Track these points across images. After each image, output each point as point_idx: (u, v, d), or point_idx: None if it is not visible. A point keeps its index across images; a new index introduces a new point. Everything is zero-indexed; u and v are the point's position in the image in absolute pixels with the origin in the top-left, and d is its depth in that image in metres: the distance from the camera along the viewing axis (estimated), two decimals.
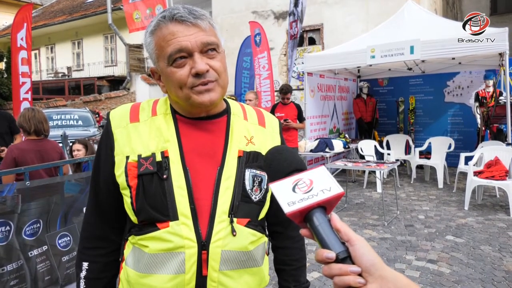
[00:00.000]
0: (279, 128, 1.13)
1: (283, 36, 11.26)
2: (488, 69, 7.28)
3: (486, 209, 5.23)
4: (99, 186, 1.03)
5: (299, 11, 7.24)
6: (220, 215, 0.93)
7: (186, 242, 0.90)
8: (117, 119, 1.01)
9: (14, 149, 3.05)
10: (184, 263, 0.90)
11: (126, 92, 16.41)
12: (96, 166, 1.04)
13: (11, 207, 2.04)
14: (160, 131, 0.97)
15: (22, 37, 5.63)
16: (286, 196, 0.62)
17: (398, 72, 8.46)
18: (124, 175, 0.94)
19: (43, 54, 21.70)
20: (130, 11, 6.92)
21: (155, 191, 0.92)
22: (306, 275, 1.19)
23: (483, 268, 3.43)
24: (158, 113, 1.00)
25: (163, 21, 0.91)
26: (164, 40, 0.91)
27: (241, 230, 0.95)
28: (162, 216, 0.91)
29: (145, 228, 0.94)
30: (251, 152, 1.01)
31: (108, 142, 0.99)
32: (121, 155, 0.96)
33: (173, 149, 0.95)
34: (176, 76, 0.91)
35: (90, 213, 1.07)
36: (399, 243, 4.10)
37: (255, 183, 0.99)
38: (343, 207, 5.55)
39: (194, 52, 0.91)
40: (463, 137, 8.10)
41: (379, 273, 0.56)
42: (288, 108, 5.78)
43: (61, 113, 9.82)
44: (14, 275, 2.04)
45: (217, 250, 0.92)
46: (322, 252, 0.57)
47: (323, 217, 0.61)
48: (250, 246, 0.98)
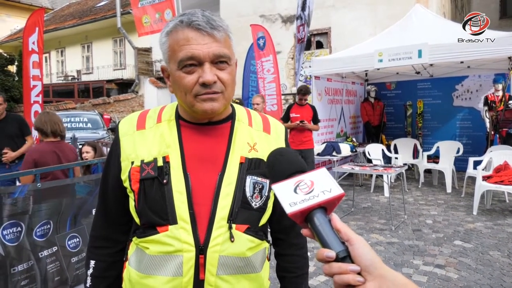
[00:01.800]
0: (285, 134, 1.14)
1: (291, 39, 11.28)
2: (497, 73, 7.22)
3: (495, 214, 5.18)
4: (107, 190, 1.07)
5: (306, 15, 7.26)
6: (219, 220, 0.94)
7: (184, 246, 0.92)
8: (125, 127, 1.05)
9: (34, 152, 3.13)
10: (181, 266, 0.92)
11: (134, 95, 16.54)
12: (105, 172, 1.09)
13: (22, 208, 2.08)
14: (162, 137, 1.00)
15: (33, 41, 5.73)
16: (288, 197, 0.64)
17: (406, 75, 8.43)
18: (128, 180, 0.98)
19: (53, 57, 21.98)
20: (139, 15, 7.01)
21: (155, 196, 0.94)
22: (308, 282, 1.19)
23: (491, 274, 3.39)
24: (163, 120, 1.03)
25: (180, 25, 0.93)
26: (177, 44, 0.92)
27: (239, 236, 0.96)
28: (161, 220, 0.94)
29: (146, 230, 0.97)
30: (253, 159, 1.01)
31: (116, 149, 1.04)
32: (127, 161, 1.00)
33: (174, 155, 0.97)
34: (184, 81, 0.93)
35: (98, 214, 1.13)
36: (406, 248, 4.08)
37: (256, 190, 1.00)
38: (350, 211, 5.54)
39: (205, 61, 0.92)
40: (471, 142, 8.03)
41: (378, 272, 0.57)
42: (304, 109, 5.79)
43: (70, 115, 9.94)
44: (25, 275, 2.08)
45: (215, 255, 0.93)
46: (322, 251, 0.59)
47: (324, 217, 0.63)
48: (248, 252, 0.98)
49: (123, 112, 15.98)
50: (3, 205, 1.99)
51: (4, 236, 1.99)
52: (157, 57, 16.62)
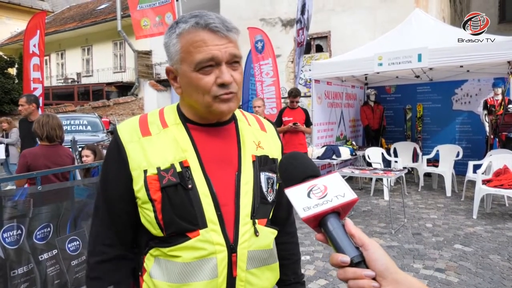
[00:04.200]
0: (276, 131, 1.19)
1: (291, 43, 11.32)
2: (496, 77, 7.24)
3: (495, 218, 5.18)
4: (113, 205, 1.00)
5: (305, 18, 7.29)
6: (243, 218, 0.98)
7: (217, 248, 0.94)
8: (128, 134, 0.99)
9: (27, 155, 3.11)
10: (216, 268, 0.94)
11: (134, 98, 16.57)
12: (105, 184, 1.02)
13: (22, 211, 2.08)
14: (176, 141, 0.98)
15: (34, 44, 5.74)
16: (302, 201, 0.64)
17: (405, 79, 8.45)
18: (144, 189, 0.94)
19: (53, 60, 22.03)
20: (138, 18, 7.01)
21: (182, 202, 0.93)
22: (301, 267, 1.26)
23: (492, 278, 3.39)
24: (169, 124, 1.01)
25: (196, 26, 0.93)
26: (193, 46, 0.92)
27: (262, 230, 1.02)
28: (191, 225, 0.93)
29: (174, 239, 0.94)
30: (262, 156, 1.06)
31: (120, 157, 0.97)
32: (138, 169, 0.95)
33: (192, 159, 0.97)
34: (202, 82, 0.93)
35: (102, 235, 1.03)
36: (406, 251, 4.07)
37: (269, 184, 1.05)
38: (350, 215, 5.53)
39: (222, 62, 0.93)
40: (471, 145, 8.03)
41: (392, 276, 0.57)
42: (296, 112, 5.80)
43: (70, 118, 9.96)
44: (25, 278, 2.07)
45: (244, 251, 0.97)
46: (337, 256, 0.59)
47: (338, 222, 0.63)
48: (271, 244, 1.06)
49: (123, 115, 15.99)
50: (4, 208, 1.98)
51: (4, 239, 1.98)
52: (157, 60, 16.65)
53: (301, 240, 4.35)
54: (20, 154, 3.33)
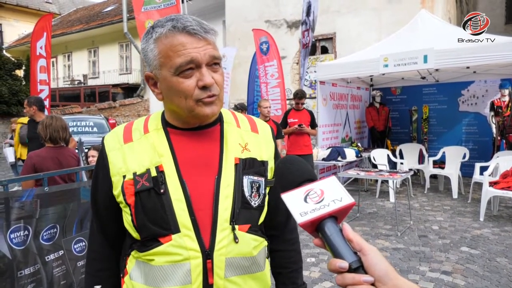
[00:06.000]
0: (272, 133, 1.15)
1: (296, 44, 11.30)
2: (503, 78, 7.18)
3: (502, 220, 5.13)
4: (100, 209, 1.06)
5: (311, 20, 7.28)
6: (221, 223, 0.94)
7: (191, 253, 0.92)
8: (111, 142, 1.03)
9: (34, 156, 3.14)
10: (190, 274, 0.92)
11: (140, 99, 16.64)
12: (94, 190, 1.07)
13: (29, 212, 2.10)
14: (153, 146, 0.98)
15: (41, 46, 5.80)
16: (298, 206, 0.63)
17: (411, 81, 8.41)
18: (121, 194, 0.96)
19: (60, 62, 22.19)
20: (142, 20, 7.03)
21: (154, 207, 0.93)
22: (303, 277, 1.20)
23: (499, 281, 3.36)
24: (150, 130, 1.01)
25: (173, 30, 0.91)
26: (172, 50, 0.91)
27: (243, 236, 0.97)
28: (163, 230, 0.92)
29: (148, 243, 0.95)
30: (247, 159, 1.02)
31: (103, 164, 1.01)
32: (118, 175, 0.98)
33: (167, 163, 0.96)
34: (183, 86, 0.92)
35: (96, 237, 1.11)
36: (412, 254, 4.05)
37: (253, 189, 1.00)
38: (356, 217, 5.51)
39: (202, 64, 0.92)
40: (478, 147, 7.97)
41: (392, 282, 0.56)
42: (302, 114, 5.80)
43: (76, 120, 10.02)
44: (31, 278, 2.09)
45: (221, 258, 0.93)
46: (335, 262, 0.58)
47: (335, 227, 0.62)
48: (254, 251, 0.99)
49: (129, 116, 16.07)
50: (11, 209, 2.00)
51: (12, 240, 2.00)
52: None
53: (306, 242, 4.34)
54: (27, 155, 3.36)
